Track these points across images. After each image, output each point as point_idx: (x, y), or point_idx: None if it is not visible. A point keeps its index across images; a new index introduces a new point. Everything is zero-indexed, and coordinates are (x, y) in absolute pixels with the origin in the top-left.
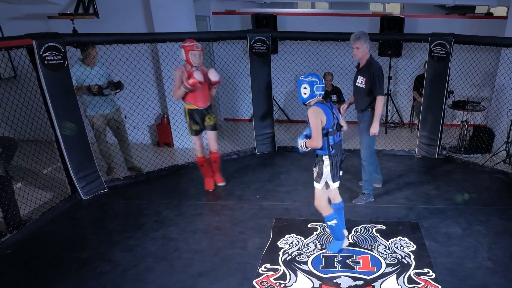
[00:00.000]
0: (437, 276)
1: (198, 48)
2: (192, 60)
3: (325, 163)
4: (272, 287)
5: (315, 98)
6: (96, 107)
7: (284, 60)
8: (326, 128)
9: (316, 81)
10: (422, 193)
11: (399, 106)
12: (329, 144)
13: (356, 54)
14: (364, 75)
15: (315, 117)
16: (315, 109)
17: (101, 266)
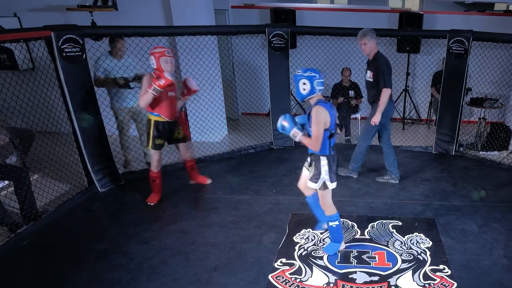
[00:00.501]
0: (453, 273)
1: (169, 54)
2: (164, 67)
3: (323, 163)
4: (288, 282)
5: (315, 95)
6: (122, 100)
7: (302, 54)
8: (330, 129)
9: (316, 75)
10: (439, 189)
11: (416, 102)
12: (330, 145)
13: (364, 49)
14: (372, 69)
15: (320, 119)
16: (321, 109)
17: (117, 258)
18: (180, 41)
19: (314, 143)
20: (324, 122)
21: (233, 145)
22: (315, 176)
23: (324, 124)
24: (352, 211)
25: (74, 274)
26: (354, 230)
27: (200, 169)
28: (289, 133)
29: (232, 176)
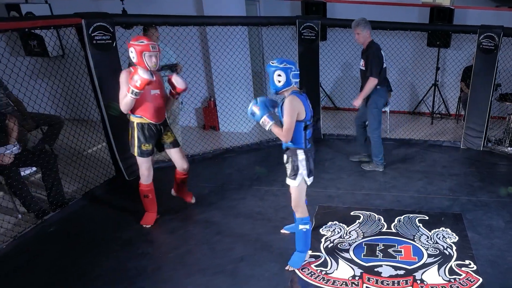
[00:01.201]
0: (478, 268)
1: (154, 49)
2: (147, 63)
3: (300, 158)
4: (313, 274)
5: (291, 87)
6: None
7: (332, 47)
8: (305, 121)
9: (292, 67)
10: (466, 184)
11: (446, 97)
12: (306, 138)
13: (358, 39)
14: (364, 58)
15: (293, 109)
16: (294, 99)
17: (142, 247)
18: (211, 31)
19: (285, 133)
20: (298, 112)
21: (261, 136)
22: (293, 173)
23: (298, 115)
24: (379, 204)
25: (99, 261)
26: (381, 224)
27: (228, 160)
28: (259, 120)
29: (259, 167)
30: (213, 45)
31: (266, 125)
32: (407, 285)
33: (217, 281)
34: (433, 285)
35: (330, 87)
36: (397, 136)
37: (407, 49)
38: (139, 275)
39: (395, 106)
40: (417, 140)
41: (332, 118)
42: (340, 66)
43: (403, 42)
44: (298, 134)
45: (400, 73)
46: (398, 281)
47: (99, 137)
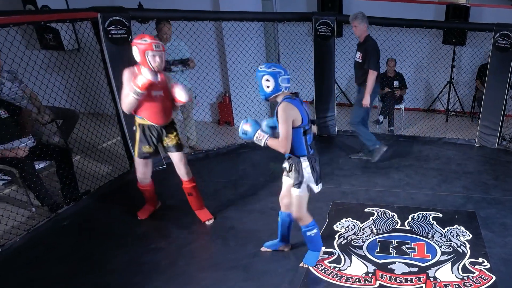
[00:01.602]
0: (492, 266)
1: (158, 48)
2: (150, 62)
3: (304, 165)
4: (327, 270)
5: (281, 93)
6: None
7: (348, 44)
8: (303, 126)
9: (281, 71)
10: (480, 182)
11: (461, 94)
12: (307, 144)
13: (355, 31)
14: (361, 51)
15: (287, 116)
16: (287, 106)
17: (157, 241)
18: (227, 26)
19: (282, 143)
20: (294, 119)
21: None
22: (297, 181)
23: (294, 122)
24: (393, 201)
25: (112, 255)
26: (395, 221)
27: (242, 156)
28: (253, 137)
29: (274, 162)
30: (229, 41)
31: (261, 140)
32: (420, 282)
33: (230, 276)
34: (447, 283)
35: (345, 84)
36: (411, 133)
37: (422, 46)
38: (153, 270)
39: (410, 103)
40: (432, 138)
41: (347, 114)
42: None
43: (418, 39)
44: (298, 141)
45: (416, 71)
46: (411, 278)
47: (114, 131)
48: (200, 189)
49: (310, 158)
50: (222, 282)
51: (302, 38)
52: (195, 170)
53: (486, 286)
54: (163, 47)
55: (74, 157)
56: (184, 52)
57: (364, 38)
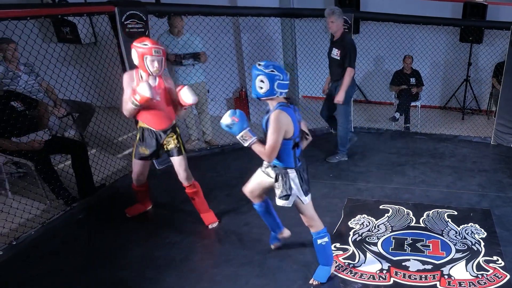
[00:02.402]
0: (506, 265)
1: (158, 53)
2: (149, 67)
3: (292, 176)
4: (341, 267)
5: (275, 97)
6: (175, 77)
7: (365, 40)
8: (294, 138)
9: (279, 75)
10: (496, 181)
11: (477, 92)
12: (296, 157)
13: (331, 27)
14: (339, 48)
15: (280, 126)
16: (282, 115)
17: (170, 236)
18: (243, 22)
19: (268, 153)
20: (286, 130)
21: None
22: (284, 193)
23: (285, 133)
24: (408, 198)
25: (127, 249)
26: (409, 218)
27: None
28: (238, 133)
29: None
30: (246, 36)
31: (246, 140)
32: (434, 280)
33: (244, 272)
34: (461, 281)
35: (361, 80)
36: (427, 131)
37: (439, 43)
38: (167, 264)
39: (426, 100)
40: (448, 135)
41: (363, 111)
42: (372, 59)
43: (435, 37)
44: (287, 153)
45: (432, 68)
46: (426, 276)
47: (130, 125)
48: (215, 184)
49: (298, 170)
50: (235, 278)
51: (319, 35)
52: (211, 165)
53: (500, 284)
54: (163, 52)
55: (90, 151)
56: (196, 46)
57: (341, 34)
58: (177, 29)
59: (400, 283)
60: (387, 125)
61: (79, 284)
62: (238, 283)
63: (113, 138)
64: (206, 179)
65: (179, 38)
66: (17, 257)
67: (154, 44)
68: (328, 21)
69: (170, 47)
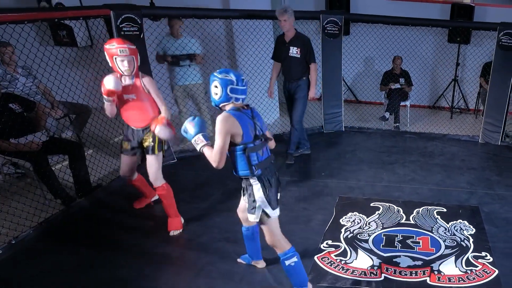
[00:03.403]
0: (495, 260)
1: (124, 52)
2: (119, 67)
3: (255, 188)
4: (333, 263)
5: (230, 103)
6: (173, 77)
7: (355, 42)
8: (244, 143)
9: (232, 80)
10: (484, 178)
11: (465, 92)
12: (252, 164)
13: (284, 26)
14: (298, 46)
15: (222, 129)
16: (226, 117)
17: (167, 234)
18: (236, 24)
19: (213, 157)
20: (232, 133)
21: (284, 128)
22: (251, 206)
23: (233, 137)
24: (398, 196)
25: (125, 248)
26: (400, 215)
27: None
28: (191, 139)
29: (282, 157)
30: (239, 38)
31: (198, 144)
32: (424, 275)
33: (239, 269)
34: (450, 276)
35: (352, 81)
36: (417, 130)
37: (428, 44)
38: (164, 262)
39: (415, 100)
40: (437, 134)
41: (353, 111)
42: (363, 60)
43: (424, 37)
44: (239, 159)
45: (421, 68)
46: (416, 272)
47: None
48: (210, 183)
49: (262, 179)
50: (231, 274)
51: (310, 36)
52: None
53: (489, 279)
54: (131, 51)
55: (87, 151)
56: (195, 48)
57: (295, 32)
58: (174, 30)
59: (391, 279)
60: (378, 125)
61: (78, 283)
62: (233, 280)
63: (109, 138)
64: (200, 178)
65: (177, 39)
66: (16, 256)
67: (120, 43)
68: (281, 20)
69: (172, 49)
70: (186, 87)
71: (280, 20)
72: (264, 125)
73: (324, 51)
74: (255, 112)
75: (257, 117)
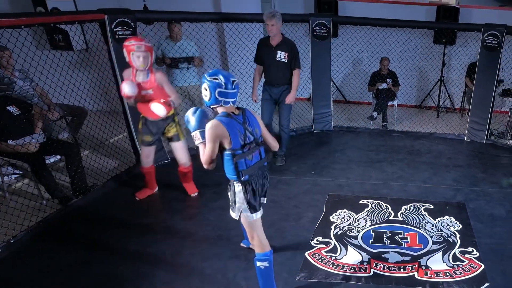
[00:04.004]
0: (481, 255)
1: (140, 49)
2: (135, 63)
3: (237, 190)
4: (323, 259)
5: (219, 106)
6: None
7: (343, 43)
8: (232, 150)
9: (221, 83)
10: (470, 175)
11: (451, 91)
12: (238, 170)
13: (272, 30)
14: (285, 50)
15: (210, 136)
16: (213, 124)
17: (162, 232)
18: (228, 27)
19: (203, 159)
20: (221, 140)
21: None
22: (232, 204)
23: (222, 142)
24: (387, 193)
25: (121, 247)
26: (388, 212)
27: None
28: (192, 131)
29: (272, 157)
30: (230, 41)
31: (195, 140)
32: (412, 270)
33: (232, 266)
34: (438, 271)
35: (340, 81)
36: (404, 129)
37: (414, 46)
38: (159, 260)
39: (402, 100)
40: (423, 133)
41: (342, 111)
42: (351, 61)
43: (411, 39)
44: (226, 163)
45: (408, 69)
46: (404, 267)
47: (121, 127)
48: (203, 182)
49: (245, 184)
50: (224, 271)
51: (299, 38)
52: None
53: (475, 274)
54: (147, 48)
55: (83, 152)
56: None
57: (283, 37)
58: (174, 34)
59: (380, 274)
60: (366, 124)
61: (75, 280)
62: (226, 276)
63: (104, 139)
64: (194, 178)
65: (176, 43)
66: (15, 254)
67: (138, 41)
68: (269, 25)
69: (172, 51)
70: (184, 89)
71: (268, 24)
72: (259, 126)
73: (313, 53)
74: (248, 115)
75: (250, 121)
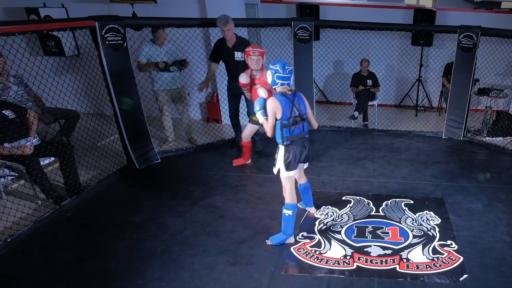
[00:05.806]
0: (459, 248)
1: (254, 54)
2: (250, 64)
3: (280, 151)
4: (308, 254)
5: (277, 86)
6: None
7: (325, 46)
8: (281, 120)
9: (278, 70)
10: (448, 171)
11: (428, 91)
12: (283, 135)
13: (228, 34)
14: (242, 50)
15: (269, 109)
16: (271, 101)
17: (153, 230)
18: (213, 32)
19: (267, 128)
20: (274, 112)
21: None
22: (274, 162)
23: (276, 114)
24: (368, 189)
25: (113, 244)
26: (370, 207)
27: (230, 149)
28: (256, 112)
29: (258, 156)
30: None
31: (259, 118)
32: (394, 263)
33: (220, 261)
34: (418, 264)
35: (322, 83)
36: (384, 128)
37: (393, 47)
38: (150, 256)
39: (382, 100)
40: (403, 131)
41: (324, 111)
42: (332, 63)
43: (389, 41)
44: (277, 131)
45: (387, 70)
46: (386, 260)
47: (112, 129)
48: (192, 181)
49: (287, 148)
50: (212, 267)
51: (283, 42)
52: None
53: (454, 266)
54: (259, 53)
55: (76, 154)
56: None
57: (238, 38)
58: (160, 39)
59: (362, 267)
60: (347, 123)
61: (70, 276)
62: (215, 271)
63: (96, 141)
64: (183, 177)
65: (161, 47)
66: (12, 252)
67: (254, 48)
68: (225, 30)
69: (161, 56)
70: (170, 90)
71: (224, 30)
72: (305, 106)
73: (296, 56)
74: (298, 96)
75: (298, 100)
